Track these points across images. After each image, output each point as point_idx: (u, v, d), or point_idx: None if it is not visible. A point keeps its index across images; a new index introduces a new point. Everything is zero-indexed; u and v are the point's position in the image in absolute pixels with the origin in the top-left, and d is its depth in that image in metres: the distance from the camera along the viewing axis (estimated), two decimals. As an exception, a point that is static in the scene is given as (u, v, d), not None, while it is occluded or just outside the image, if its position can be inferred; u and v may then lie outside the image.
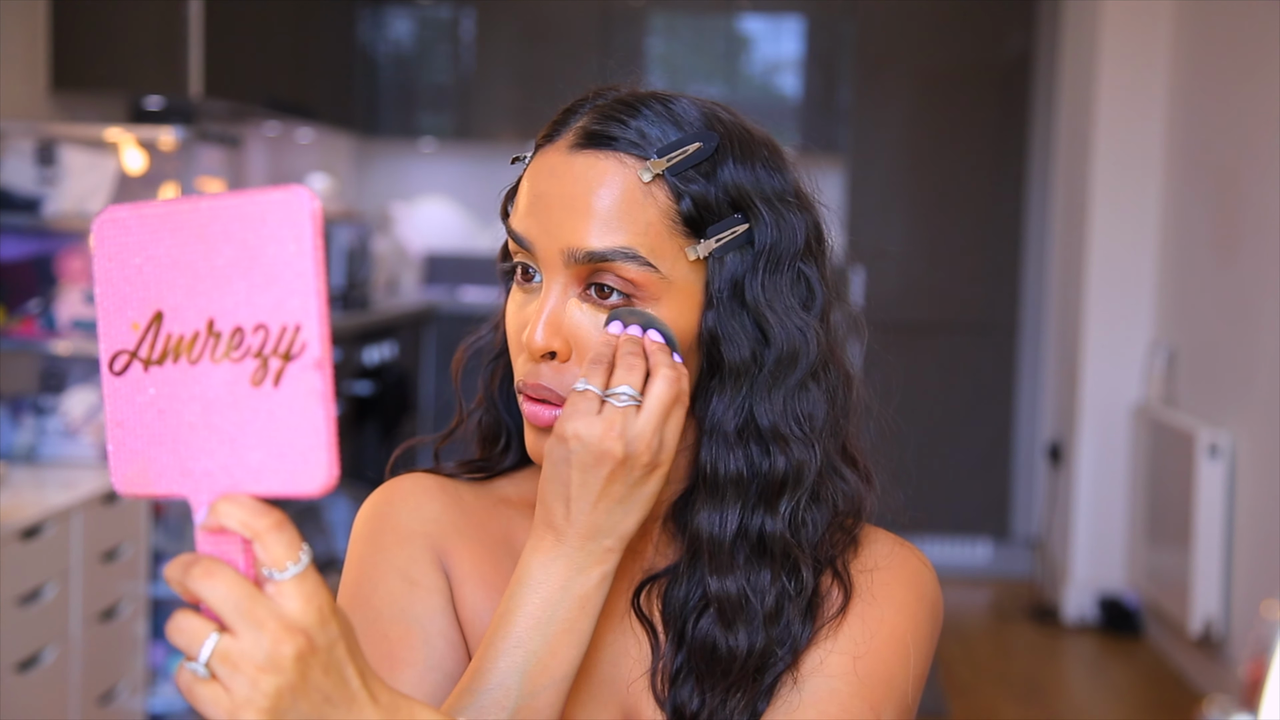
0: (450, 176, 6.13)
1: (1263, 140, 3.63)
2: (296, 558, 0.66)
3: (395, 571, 0.97)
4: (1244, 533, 3.68)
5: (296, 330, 0.65)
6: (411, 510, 1.00)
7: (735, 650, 0.92)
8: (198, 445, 0.68)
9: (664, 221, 0.91)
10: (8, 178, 3.13)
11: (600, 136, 0.92)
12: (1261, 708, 0.71)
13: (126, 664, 2.96)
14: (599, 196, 0.91)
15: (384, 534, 0.99)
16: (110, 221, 0.70)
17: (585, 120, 0.93)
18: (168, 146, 3.19)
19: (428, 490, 1.02)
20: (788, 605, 0.94)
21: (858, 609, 0.95)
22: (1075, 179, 4.67)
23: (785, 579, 0.94)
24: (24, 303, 3.14)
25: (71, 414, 3.11)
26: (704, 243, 0.92)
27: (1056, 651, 4.40)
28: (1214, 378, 3.96)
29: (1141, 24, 4.41)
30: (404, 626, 0.95)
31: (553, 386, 0.91)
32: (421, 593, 0.96)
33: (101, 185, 3.17)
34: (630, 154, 0.92)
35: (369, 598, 0.96)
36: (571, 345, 0.91)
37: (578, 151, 0.92)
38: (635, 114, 0.93)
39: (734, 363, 0.93)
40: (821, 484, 0.95)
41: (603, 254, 0.90)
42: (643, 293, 0.91)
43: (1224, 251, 3.89)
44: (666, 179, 0.91)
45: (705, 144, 0.93)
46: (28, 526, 2.53)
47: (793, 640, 0.93)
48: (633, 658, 0.97)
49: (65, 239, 3.14)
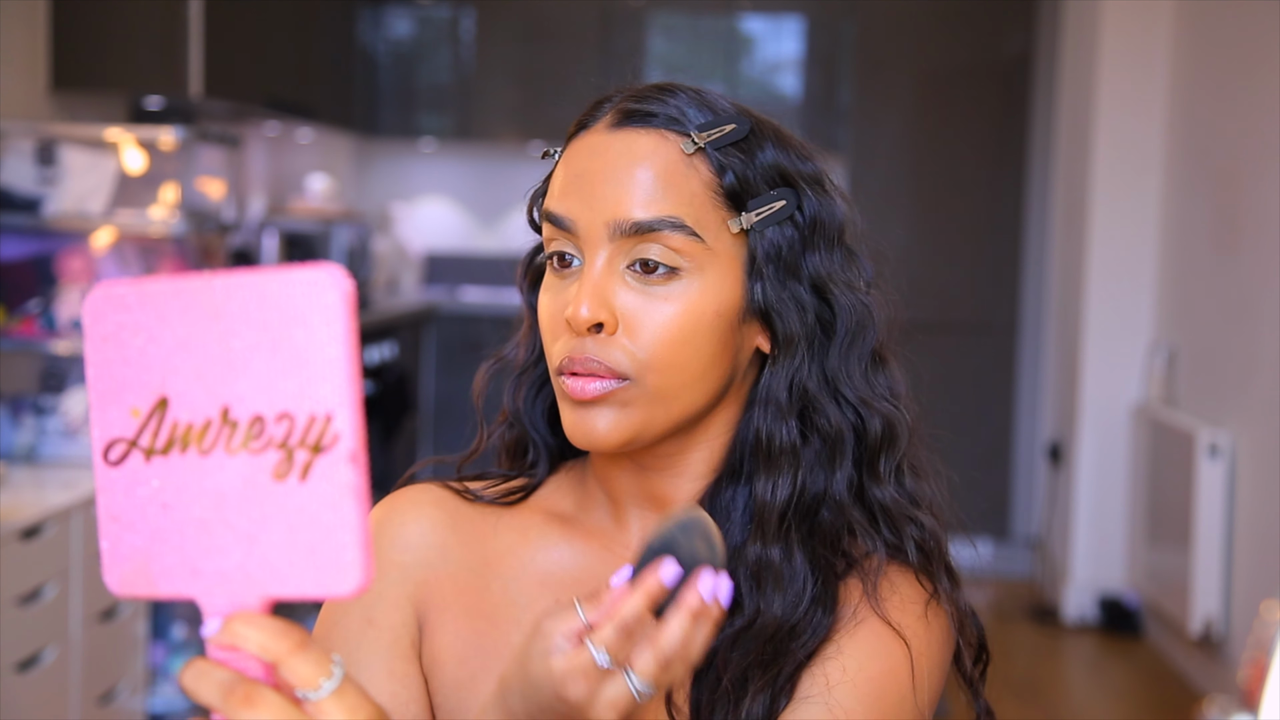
0: (450, 176, 6.14)
1: (1263, 139, 3.63)
2: (329, 672, 0.61)
3: (359, 609, 0.97)
4: (1244, 533, 3.68)
5: (328, 420, 0.59)
6: (392, 538, 0.99)
7: (766, 615, 0.91)
8: (209, 543, 0.62)
9: (706, 193, 0.93)
10: (8, 178, 3.13)
11: (640, 114, 0.93)
12: (1261, 708, 0.70)
13: (126, 664, 2.96)
14: (644, 168, 0.91)
15: None
16: (106, 298, 0.63)
17: (622, 103, 0.94)
18: (168, 146, 3.19)
19: (419, 507, 1.01)
20: (817, 588, 0.93)
21: (875, 623, 0.94)
22: (1075, 178, 4.67)
23: (826, 558, 0.94)
24: (24, 303, 3.14)
25: (71, 414, 3.11)
26: (745, 215, 0.93)
27: (1056, 651, 4.40)
28: (1214, 377, 3.96)
29: (1141, 24, 4.41)
30: (349, 667, 0.94)
31: (600, 359, 0.90)
32: (373, 633, 0.96)
33: (101, 185, 3.17)
34: (671, 130, 0.93)
35: (329, 631, 0.97)
36: (618, 319, 0.91)
37: (618, 130, 0.93)
38: (672, 95, 0.95)
39: (788, 333, 0.95)
40: (915, 452, 0.99)
41: (650, 223, 0.90)
42: (688, 263, 0.91)
43: (1224, 251, 3.89)
44: (708, 153, 0.93)
45: (740, 126, 0.94)
46: (28, 526, 2.53)
47: (814, 628, 0.92)
48: None
49: (65, 239, 3.14)
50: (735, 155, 0.94)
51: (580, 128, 0.96)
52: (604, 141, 0.93)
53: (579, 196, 0.92)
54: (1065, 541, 4.63)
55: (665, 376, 0.91)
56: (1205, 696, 3.53)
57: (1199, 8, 4.18)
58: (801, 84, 5.66)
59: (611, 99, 0.96)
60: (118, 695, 2.91)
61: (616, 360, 0.90)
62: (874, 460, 0.97)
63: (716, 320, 0.92)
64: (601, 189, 0.91)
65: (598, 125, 0.94)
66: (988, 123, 5.24)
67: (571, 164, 0.94)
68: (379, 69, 5.73)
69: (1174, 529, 3.95)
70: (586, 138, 0.94)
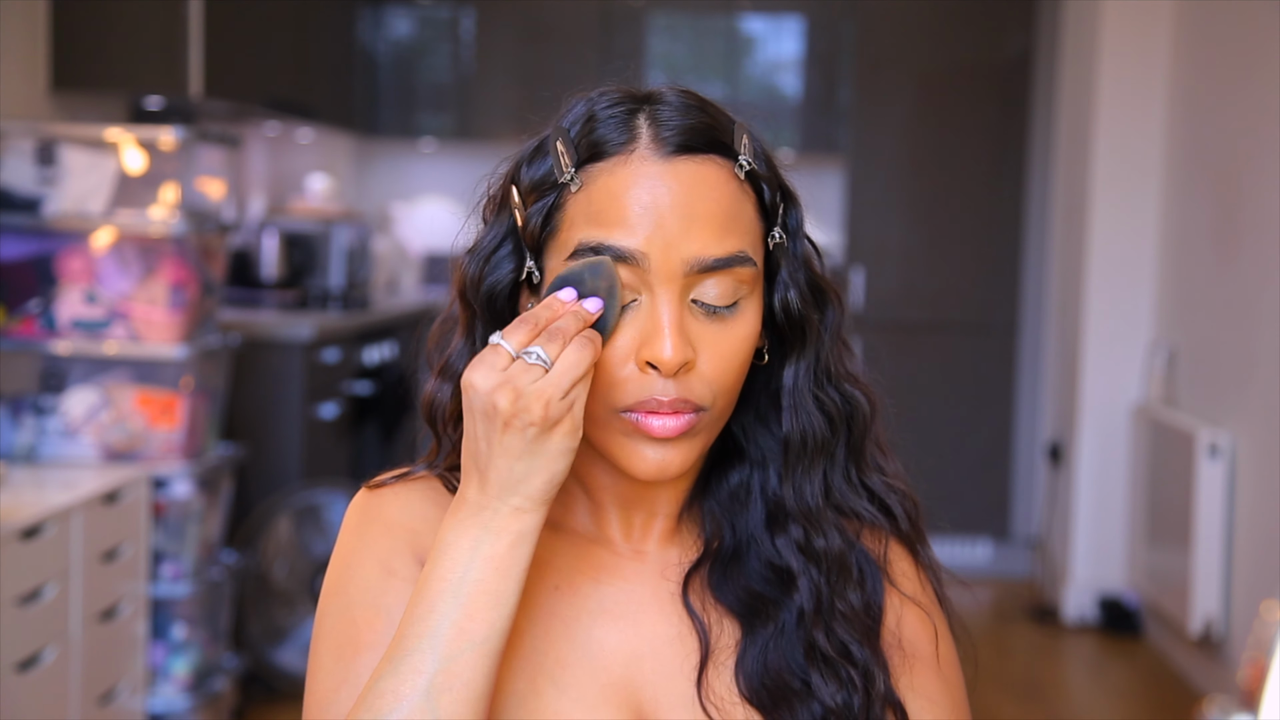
0: (450, 176, 6.14)
1: (1263, 139, 3.63)
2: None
3: (374, 560, 0.96)
4: (1244, 533, 3.68)
5: None
6: (401, 504, 0.99)
7: (851, 607, 0.96)
8: None
9: (754, 214, 0.94)
10: (8, 177, 3.14)
11: (694, 141, 0.92)
12: (1261, 708, 0.70)
13: (126, 664, 2.96)
14: (714, 202, 0.91)
15: (370, 524, 0.98)
16: None
17: (671, 124, 0.92)
18: (168, 146, 3.19)
19: (419, 489, 1.01)
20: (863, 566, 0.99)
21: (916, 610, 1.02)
22: (1075, 178, 4.67)
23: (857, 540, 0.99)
24: (24, 303, 3.14)
25: (71, 414, 3.11)
26: (778, 230, 0.95)
27: (1056, 651, 4.41)
28: (1214, 377, 3.96)
29: (1141, 23, 4.41)
30: (371, 612, 0.93)
31: (685, 396, 0.90)
32: (396, 583, 0.94)
33: (102, 185, 3.17)
34: (723, 155, 0.93)
35: (345, 586, 0.96)
36: (697, 353, 0.91)
37: (675, 158, 0.91)
38: (702, 111, 0.94)
39: (810, 332, 0.98)
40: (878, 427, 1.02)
41: (724, 261, 0.91)
42: (747, 290, 0.93)
43: (1224, 251, 3.89)
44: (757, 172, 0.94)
45: (751, 133, 0.95)
46: (28, 526, 2.53)
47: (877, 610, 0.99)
48: (662, 657, 0.96)
49: (65, 239, 3.15)
50: (762, 167, 0.95)
51: (606, 148, 0.92)
52: (664, 171, 0.90)
53: (650, 233, 0.89)
54: (1065, 542, 4.63)
55: (729, 399, 0.94)
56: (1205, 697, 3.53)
57: (1199, 7, 4.18)
58: (801, 84, 5.66)
59: (630, 113, 0.93)
60: (118, 695, 2.91)
61: (698, 394, 0.91)
62: (861, 440, 1.01)
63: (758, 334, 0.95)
64: (675, 224, 0.89)
65: (640, 150, 0.91)
66: (988, 123, 5.24)
67: (634, 193, 0.90)
68: (379, 69, 5.73)
69: (1174, 529, 3.96)
70: (634, 164, 0.91)
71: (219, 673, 3.30)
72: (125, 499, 2.92)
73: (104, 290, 3.14)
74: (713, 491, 1.01)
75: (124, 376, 3.17)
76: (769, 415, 1.00)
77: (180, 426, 3.15)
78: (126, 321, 3.13)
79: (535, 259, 0.94)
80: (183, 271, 3.15)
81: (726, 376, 0.92)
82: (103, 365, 3.17)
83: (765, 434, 1.00)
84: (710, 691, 0.94)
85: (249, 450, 3.65)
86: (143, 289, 3.14)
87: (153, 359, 3.14)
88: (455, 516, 0.87)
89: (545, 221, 0.93)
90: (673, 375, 0.89)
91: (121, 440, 3.12)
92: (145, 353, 3.12)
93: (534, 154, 0.96)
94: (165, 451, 3.14)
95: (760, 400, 1.00)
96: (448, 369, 1.01)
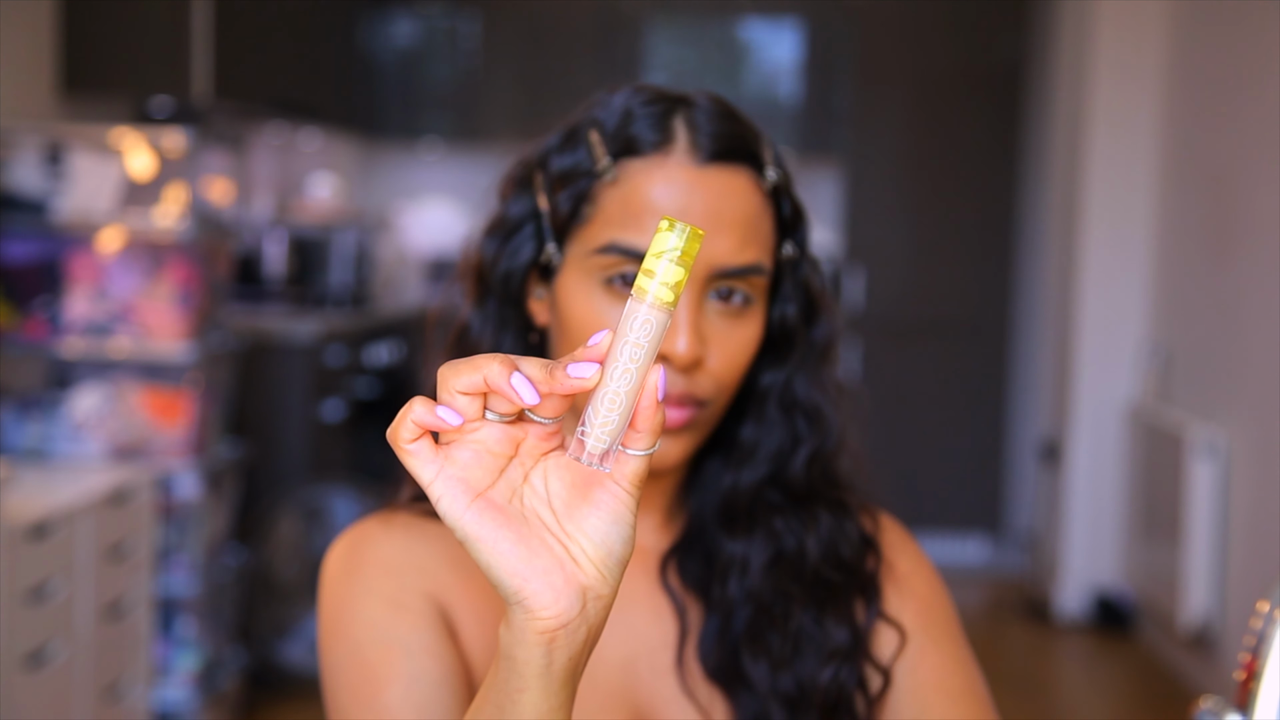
0: (453, 178, 6.16)
1: (1255, 141, 3.66)
2: None
3: (377, 599, 0.92)
4: (1237, 531, 3.71)
5: None
6: (397, 545, 0.96)
7: (807, 552, 0.99)
8: None
9: (771, 226, 0.97)
10: (15, 180, 3.17)
11: (727, 148, 0.95)
12: (1255, 707, 0.71)
13: (133, 661, 2.99)
14: (742, 213, 0.94)
15: (362, 569, 0.95)
16: None
17: (706, 130, 0.95)
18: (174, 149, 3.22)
19: (407, 528, 0.98)
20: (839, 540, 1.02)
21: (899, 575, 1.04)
22: (1069, 180, 4.69)
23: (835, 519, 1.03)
24: (32, 303, 3.17)
25: (79, 413, 3.14)
26: (790, 243, 0.99)
27: (1050, 649, 4.43)
28: (1207, 376, 3.98)
29: (1135, 27, 4.44)
30: (384, 648, 0.90)
31: (692, 391, 0.94)
32: (408, 616, 0.92)
33: (108, 187, 3.20)
34: (752, 166, 0.96)
35: (348, 631, 0.92)
36: (709, 351, 0.95)
37: (710, 166, 0.94)
38: (735, 120, 0.97)
39: (798, 347, 1.02)
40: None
41: (743, 270, 0.94)
42: (758, 294, 0.96)
43: (1217, 251, 3.91)
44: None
45: (774, 146, 0.98)
46: (35, 525, 2.56)
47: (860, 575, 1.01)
48: (652, 647, 0.98)
49: (73, 241, 3.18)
50: (781, 177, 0.98)
51: (642, 146, 0.94)
52: (698, 178, 0.93)
53: None
54: (1059, 539, 4.66)
55: (729, 397, 0.97)
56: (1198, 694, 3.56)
57: (1193, 11, 4.21)
58: (800, 88, 5.69)
59: (671, 118, 0.95)
60: (124, 692, 2.94)
61: (704, 389, 0.95)
62: (823, 452, 1.04)
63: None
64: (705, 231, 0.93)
65: (676, 155, 0.94)
66: (983, 127, 5.28)
67: (669, 196, 0.93)
68: (383, 71, 5.76)
69: (1167, 527, 3.98)
70: (671, 168, 0.94)
71: (225, 669, 3.33)
72: (132, 498, 2.95)
73: (111, 291, 3.16)
74: (687, 479, 1.04)
75: (131, 376, 3.19)
76: (745, 410, 1.03)
77: (187, 426, 3.18)
78: (133, 322, 3.16)
79: (558, 244, 0.97)
80: (189, 272, 3.17)
81: (731, 375, 0.96)
82: (110, 365, 3.19)
83: (734, 426, 1.03)
84: (688, 673, 0.97)
85: (255, 449, 3.68)
86: (150, 290, 3.16)
87: (159, 359, 3.16)
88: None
89: (574, 210, 0.96)
90: (684, 370, 0.93)
91: (128, 439, 3.14)
92: (152, 353, 3.15)
93: (565, 142, 0.97)
94: (172, 451, 3.16)
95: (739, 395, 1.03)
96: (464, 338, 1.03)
